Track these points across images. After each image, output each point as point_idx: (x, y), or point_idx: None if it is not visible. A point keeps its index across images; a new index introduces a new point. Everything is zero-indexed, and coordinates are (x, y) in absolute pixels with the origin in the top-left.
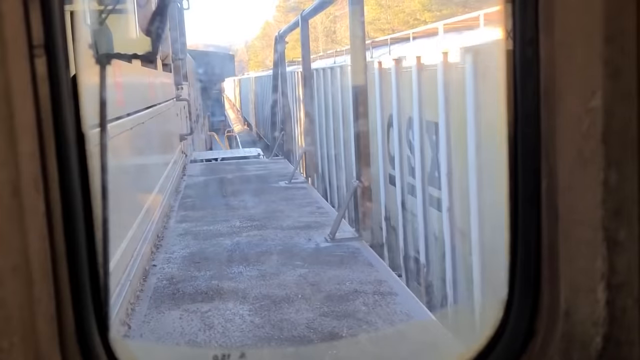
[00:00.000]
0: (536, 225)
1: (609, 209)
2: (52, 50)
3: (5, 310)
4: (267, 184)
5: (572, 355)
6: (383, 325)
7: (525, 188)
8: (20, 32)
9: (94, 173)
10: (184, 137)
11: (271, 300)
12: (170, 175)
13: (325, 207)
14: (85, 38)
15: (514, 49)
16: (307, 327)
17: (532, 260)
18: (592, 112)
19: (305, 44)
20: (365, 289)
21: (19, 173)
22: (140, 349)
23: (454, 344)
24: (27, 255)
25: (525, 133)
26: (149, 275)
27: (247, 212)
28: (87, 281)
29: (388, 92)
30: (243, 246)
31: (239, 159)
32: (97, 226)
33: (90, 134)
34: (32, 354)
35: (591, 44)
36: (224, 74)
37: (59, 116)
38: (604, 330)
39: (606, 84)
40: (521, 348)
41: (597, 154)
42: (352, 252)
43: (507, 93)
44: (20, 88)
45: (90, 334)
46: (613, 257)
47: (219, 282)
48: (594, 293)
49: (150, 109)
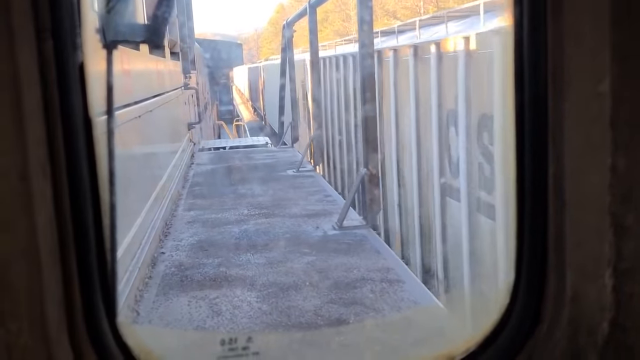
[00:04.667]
0: (543, 211)
1: (617, 194)
2: (60, 35)
3: (14, 294)
4: (275, 172)
5: (579, 341)
6: (390, 312)
7: (532, 173)
8: (28, 16)
9: (101, 159)
10: (192, 125)
11: (279, 287)
12: (178, 164)
13: (333, 195)
14: (92, 23)
15: (522, 33)
16: (314, 314)
17: (538, 245)
18: (601, 97)
19: (313, 30)
20: (373, 276)
21: (26, 158)
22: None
23: (460, 330)
24: (36, 240)
25: (532, 118)
26: (158, 262)
27: (254, 200)
28: (95, 266)
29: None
30: (251, 234)
31: (246, 147)
32: (105, 212)
33: (97, 120)
34: (41, 338)
35: (600, 29)
36: (232, 62)
37: (67, 101)
38: (611, 316)
39: (615, 68)
40: (527, 333)
41: (605, 139)
42: (360, 239)
43: (515, 78)
44: (28, 73)
45: (99, 318)
46: (620, 243)
47: (227, 269)
48: (601, 279)
49: (158, 97)
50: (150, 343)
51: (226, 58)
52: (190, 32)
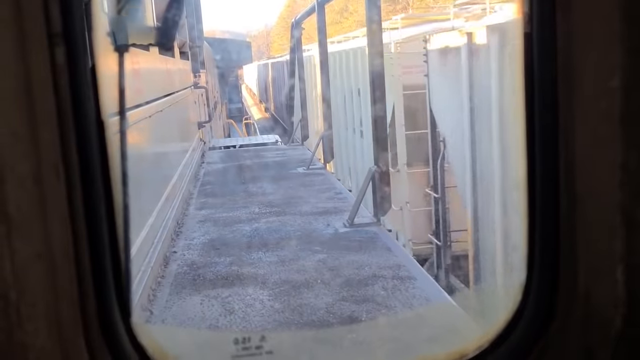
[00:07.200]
0: (554, 207)
1: (628, 191)
2: (71, 39)
3: (30, 296)
4: (285, 170)
5: (592, 336)
6: (402, 310)
7: (543, 169)
8: (39, 21)
9: (114, 160)
10: (202, 124)
11: (291, 285)
12: (189, 163)
13: (343, 193)
14: (103, 26)
15: (532, 29)
16: (326, 312)
17: (550, 242)
18: (611, 93)
19: (322, 29)
20: (384, 273)
21: (40, 161)
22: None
23: (473, 327)
24: (50, 242)
25: (543, 114)
26: (170, 261)
27: (265, 198)
28: (109, 267)
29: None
30: (262, 232)
31: (257, 145)
32: (118, 212)
33: (109, 122)
34: (57, 339)
35: (610, 24)
36: (241, 61)
37: (79, 104)
38: (623, 311)
39: (625, 64)
40: (540, 330)
41: (615, 134)
42: (371, 237)
43: (525, 74)
44: (40, 77)
45: (113, 318)
46: (632, 239)
47: (239, 267)
48: (613, 275)
49: (168, 97)
50: (164, 342)
51: (235, 57)
52: (199, 31)
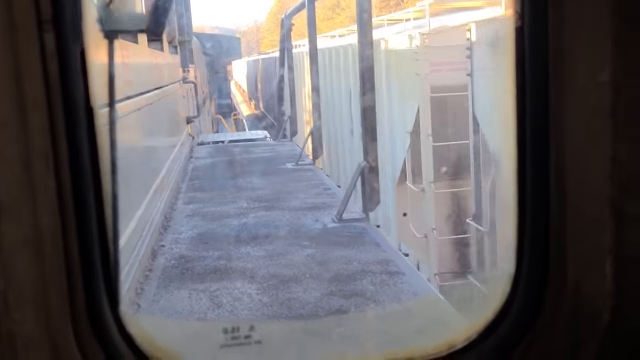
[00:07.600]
0: (544, 200)
1: (618, 184)
2: (61, 26)
3: (18, 283)
4: (274, 165)
5: (580, 329)
6: (390, 304)
7: (533, 162)
8: (29, 8)
9: (103, 148)
10: (191, 119)
11: (279, 279)
12: (177, 157)
13: (332, 189)
14: (93, 13)
15: (523, 23)
16: (315, 306)
17: (540, 234)
18: (601, 87)
19: (312, 24)
20: (373, 268)
21: (29, 148)
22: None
23: (460, 320)
24: (39, 229)
25: (533, 108)
26: (158, 255)
27: (254, 193)
28: (98, 255)
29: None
30: (251, 227)
31: (245, 141)
32: (107, 201)
33: (99, 110)
34: (44, 327)
35: (600, 19)
36: (230, 56)
37: (68, 91)
38: (612, 304)
39: (615, 58)
40: (529, 322)
41: (605, 128)
42: (359, 232)
43: (516, 68)
44: (30, 63)
45: (101, 307)
46: (621, 232)
47: (227, 262)
48: (602, 267)
49: (157, 91)
50: (153, 332)
51: (224, 52)
52: (189, 26)
